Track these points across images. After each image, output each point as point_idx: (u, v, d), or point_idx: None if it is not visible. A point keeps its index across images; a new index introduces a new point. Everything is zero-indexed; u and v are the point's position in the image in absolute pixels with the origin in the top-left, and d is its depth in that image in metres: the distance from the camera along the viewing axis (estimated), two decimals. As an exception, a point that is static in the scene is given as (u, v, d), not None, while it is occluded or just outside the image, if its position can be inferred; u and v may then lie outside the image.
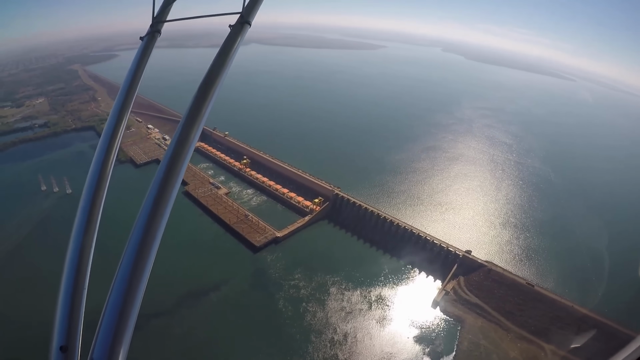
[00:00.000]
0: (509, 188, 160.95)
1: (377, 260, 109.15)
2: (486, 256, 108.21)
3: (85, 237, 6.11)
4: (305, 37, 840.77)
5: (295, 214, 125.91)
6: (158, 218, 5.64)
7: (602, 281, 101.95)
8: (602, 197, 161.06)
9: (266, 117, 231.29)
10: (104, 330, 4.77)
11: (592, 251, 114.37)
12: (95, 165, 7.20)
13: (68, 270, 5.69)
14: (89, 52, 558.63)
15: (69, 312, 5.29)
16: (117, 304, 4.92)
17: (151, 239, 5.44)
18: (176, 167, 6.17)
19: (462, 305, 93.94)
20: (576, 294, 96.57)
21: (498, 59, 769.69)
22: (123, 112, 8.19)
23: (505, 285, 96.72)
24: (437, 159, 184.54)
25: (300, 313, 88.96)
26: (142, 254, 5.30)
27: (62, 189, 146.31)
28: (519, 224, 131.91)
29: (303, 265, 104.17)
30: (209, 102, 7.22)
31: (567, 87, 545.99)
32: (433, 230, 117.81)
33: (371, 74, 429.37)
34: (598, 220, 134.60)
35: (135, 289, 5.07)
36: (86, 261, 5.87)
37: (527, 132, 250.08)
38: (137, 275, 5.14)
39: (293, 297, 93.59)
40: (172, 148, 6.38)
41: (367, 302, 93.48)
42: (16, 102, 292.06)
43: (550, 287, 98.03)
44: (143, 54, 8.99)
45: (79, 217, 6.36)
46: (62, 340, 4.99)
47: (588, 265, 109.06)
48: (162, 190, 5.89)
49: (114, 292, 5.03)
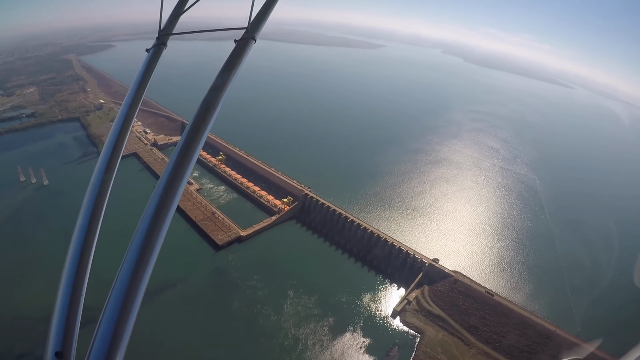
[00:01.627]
0: (489, 195, 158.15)
1: (341, 264, 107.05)
2: (454, 266, 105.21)
3: (86, 242, 6.04)
4: (305, 34, 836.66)
5: (264, 212, 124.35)
6: (158, 228, 5.62)
7: (577, 299, 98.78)
8: (587, 209, 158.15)
9: (247, 114, 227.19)
10: (100, 337, 4.70)
11: (570, 267, 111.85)
12: (97, 172, 7.21)
13: (67, 275, 5.58)
14: (86, 41, 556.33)
15: (66, 317, 5.16)
16: (114, 311, 4.84)
17: (151, 246, 5.42)
18: (177, 181, 6.18)
19: (423, 316, 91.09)
20: (547, 311, 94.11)
21: (498, 64, 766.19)
22: (128, 120, 8.12)
23: (472, 298, 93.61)
24: (418, 162, 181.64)
25: (254, 315, 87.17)
26: (142, 261, 5.26)
27: (40, 180, 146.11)
28: (495, 233, 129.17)
29: (264, 266, 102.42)
30: (211, 117, 7.24)
31: (565, 95, 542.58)
32: (402, 236, 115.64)
33: (365, 74, 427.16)
34: (579, 233, 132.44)
35: (134, 295, 5.00)
36: (85, 267, 5.77)
37: (517, 138, 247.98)
38: (136, 281, 5.09)
39: (249, 299, 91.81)
40: (173, 163, 6.39)
41: (323, 308, 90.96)
42: (7, 91, 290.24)
43: (520, 302, 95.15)
44: (149, 65, 9.03)
45: (80, 221, 6.31)
46: (58, 346, 4.88)
47: (564, 280, 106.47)
48: (163, 203, 5.89)
49: (112, 298, 4.96)
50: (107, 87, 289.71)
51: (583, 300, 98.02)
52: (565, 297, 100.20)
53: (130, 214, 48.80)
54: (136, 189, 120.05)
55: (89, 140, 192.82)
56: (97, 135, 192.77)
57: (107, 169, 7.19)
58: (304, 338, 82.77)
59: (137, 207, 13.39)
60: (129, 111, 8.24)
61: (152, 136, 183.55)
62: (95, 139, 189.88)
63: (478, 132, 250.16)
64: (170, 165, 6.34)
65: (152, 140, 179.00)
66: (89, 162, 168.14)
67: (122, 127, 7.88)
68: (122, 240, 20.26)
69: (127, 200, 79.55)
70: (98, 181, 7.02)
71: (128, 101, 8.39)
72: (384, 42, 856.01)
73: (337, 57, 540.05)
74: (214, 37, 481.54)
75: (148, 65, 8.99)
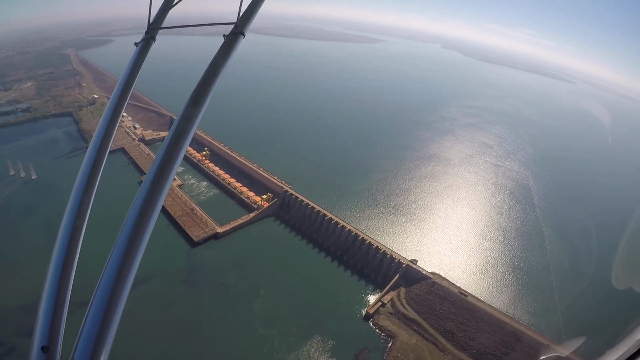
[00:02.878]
0: (477, 193, 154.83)
1: (317, 263, 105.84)
2: (434, 267, 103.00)
3: (72, 236, 6.02)
4: (304, 29, 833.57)
5: (244, 209, 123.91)
6: (145, 223, 5.60)
7: (564, 304, 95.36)
8: (580, 208, 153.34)
9: (234, 109, 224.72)
10: (87, 331, 4.72)
11: (558, 269, 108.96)
12: (85, 167, 7.12)
13: (53, 269, 5.57)
14: (85, 36, 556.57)
15: (52, 312, 5.18)
16: (101, 305, 4.86)
17: (138, 241, 5.42)
18: (164, 176, 6.17)
19: (398, 319, 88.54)
20: (531, 317, 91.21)
21: (498, 58, 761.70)
22: (116, 114, 8.13)
23: (449, 302, 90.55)
24: (406, 158, 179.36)
25: (224, 313, 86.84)
26: (129, 256, 5.26)
27: (28, 174, 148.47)
28: (481, 233, 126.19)
29: (239, 263, 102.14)
30: (199, 112, 7.26)
31: (566, 89, 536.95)
32: (381, 236, 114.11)
33: (360, 68, 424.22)
34: (571, 234, 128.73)
35: (120, 290, 5.02)
36: (72, 261, 5.75)
37: (512, 133, 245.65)
38: (122, 276, 5.10)
39: (221, 296, 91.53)
40: (160, 158, 6.34)
41: (295, 307, 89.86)
42: (5, 86, 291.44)
43: (502, 307, 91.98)
44: (137, 59, 9.03)
45: (67, 216, 6.29)
46: (44, 340, 4.90)
47: (552, 284, 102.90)
48: (150, 197, 5.88)
49: (98, 293, 4.97)
50: (102, 82, 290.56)
51: (571, 305, 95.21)
52: (552, 302, 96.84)
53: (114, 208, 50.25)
54: (121, 184, 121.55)
55: (79, 135, 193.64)
56: (87, 130, 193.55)
57: (94, 163, 7.15)
58: (271, 338, 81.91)
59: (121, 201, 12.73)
60: (117, 105, 8.28)
61: (140, 131, 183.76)
62: (85, 133, 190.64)
63: (471, 127, 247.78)
64: (158, 159, 6.34)
65: (140, 135, 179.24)
66: (77, 157, 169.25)
67: (110, 121, 7.92)
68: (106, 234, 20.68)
69: (112, 196, 79.82)
70: (85, 175, 6.96)
71: (116, 95, 8.45)
72: (384, 37, 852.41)
73: (334, 52, 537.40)
74: (211, 31, 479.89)
75: (137, 59, 9.02)
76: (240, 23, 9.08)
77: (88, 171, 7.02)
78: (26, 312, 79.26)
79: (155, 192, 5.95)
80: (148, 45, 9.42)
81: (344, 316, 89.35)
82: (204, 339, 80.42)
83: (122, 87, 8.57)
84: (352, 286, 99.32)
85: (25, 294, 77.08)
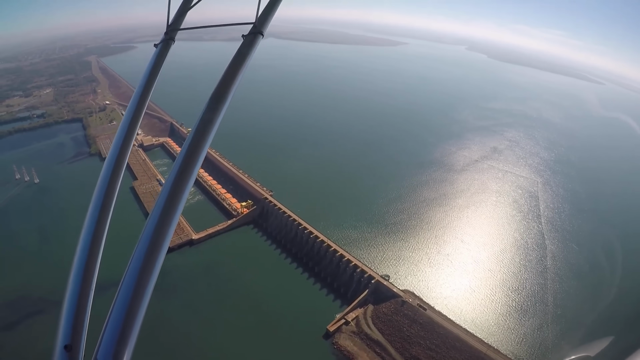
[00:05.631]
0: (476, 202, 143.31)
1: (288, 274, 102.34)
2: (408, 284, 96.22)
3: (95, 236, 6.12)
4: (326, 32, 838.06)
5: (224, 215, 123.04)
6: (167, 224, 5.66)
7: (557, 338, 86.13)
8: (593, 221, 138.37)
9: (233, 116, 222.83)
10: (110, 331, 4.75)
11: (557, 295, 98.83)
12: (107, 167, 7.19)
13: (76, 269, 5.68)
14: (110, 43, 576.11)
15: (75, 311, 5.26)
16: (124, 305, 4.92)
17: (160, 242, 5.48)
18: (186, 175, 6.25)
19: (360, 339, 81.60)
20: (515, 348, 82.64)
21: (524, 59, 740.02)
22: (136, 117, 8.16)
23: (418, 324, 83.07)
24: (401, 164, 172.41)
25: (185, 322, 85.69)
26: (151, 257, 5.32)
27: (32, 178, 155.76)
28: (471, 248, 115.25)
29: (209, 271, 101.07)
30: (220, 113, 7.30)
31: (592, 90, 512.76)
32: (356, 248, 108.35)
33: (376, 70, 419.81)
34: (577, 249, 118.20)
35: (143, 290, 5.07)
36: (95, 261, 5.85)
37: (527, 137, 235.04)
38: (145, 276, 5.15)
39: (186, 305, 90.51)
40: (182, 157, 6.44)
41: (256, 319, 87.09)
42: (26, 92, 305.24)
43: (480, 334, 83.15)
44: (157, 60, 9.10)
45: (90, 216, 6.39)
46: (67, 339, 4.96)
47: (547, 310, 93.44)
48: (172, 197, 5.94)
49: (121, 293, 5.04)
50: (115, 89, 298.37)
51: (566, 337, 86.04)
52: (544, 332, 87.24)
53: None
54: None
55: (85, 141, 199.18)
56: (93, 136, 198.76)
57: (115, 163, 7.19)
58: (224, 349, 79.94)
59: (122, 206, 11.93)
60: (138, 106, 8.26)
61: (140, 137, 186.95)
62: (90, 139, 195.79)
63: (484, 130, 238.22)
64: (179, 161, 6.37)
65: (139, 141, 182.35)
66: (79, 162, 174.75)
67: (130, 122, 7.93)
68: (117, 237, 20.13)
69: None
70: (107, 176, 6.99)
71: (137, 96, 8.43)
72: (407, 40, 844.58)
73: (351, 55, 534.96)
74: (233, 36, 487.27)
75: (156, 60, 9.06)
76: (259, 23, 9.06)
77: (110, 171, 7.05)
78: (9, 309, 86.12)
79: (176, 193, 5.98)
80: (167, 46, 9.43)
81: (304, 332, 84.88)
82: (160, 348, 79.06)
83: (142, 88, 8.57)
84: (320, 300, 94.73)
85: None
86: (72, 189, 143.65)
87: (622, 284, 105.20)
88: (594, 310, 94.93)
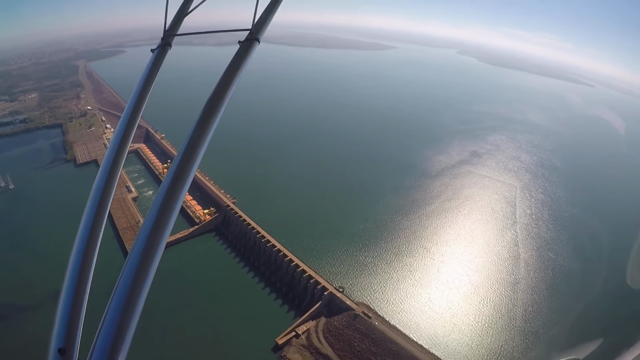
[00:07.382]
0: (447, 210, 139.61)
1: (244, 284, 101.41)
2: (364, 297, 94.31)
3: (90, 240, 6.16)
4: (317, 37, 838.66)
5: (187, 222, 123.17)
6: (162, 227, 5.71)
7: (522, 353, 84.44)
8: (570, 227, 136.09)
9: None
10: (104, 334, 4.79)
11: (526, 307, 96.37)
12: (102, 171, 7.22)
13: (71, 273, 5.71)
14: (101, 47, 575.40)
15: (69, 314, 5.26)
16: (118, 308, 4.95)
17: (155, 245, 5.51)
18: (182, 179, 6.31)
19: (310, 353, 79.91)
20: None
21: (514, 63, 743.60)
22: (132, 122, 8.18)
23: (370, 339, 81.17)
24: (371, 170, 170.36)
25: (137, 329, 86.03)
26: (146, 261, 5.36)
27: (7, 184, 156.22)
28: (434, 260, 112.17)
29: (163, 280, 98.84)
30: (215, 119, 7.35)
31: (582, 92, 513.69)
32: (312, 258, 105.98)
33: (360, 75, 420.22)
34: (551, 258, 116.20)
35: (138, 293, 5.10)
36: (89, 265, 5.89)
37: (511, 140, 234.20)
38: (140, 280, 5.19)
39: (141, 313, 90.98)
40: (178, 162, 6.51)
41: (205, 330, 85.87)
42: (12, 97, 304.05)
43: (440, 352, 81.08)
44: (154, 66, 9.14)
45: (85, 221, 6.44)
46: (61, 343, 4.98)
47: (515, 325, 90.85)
48: (167, 202, 5.98)
49: (115, 296, 5.07)
50: (99, 94, 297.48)
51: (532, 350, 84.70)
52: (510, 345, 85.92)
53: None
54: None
55: (62, 147, 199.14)
56: (70, 142, 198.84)
57: (111, 167, 7.25)
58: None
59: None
60: (134, 111, 8.30)
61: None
62: (67, 145, 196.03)
63: (465, 134, 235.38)
64: (174, 166, 6.45)
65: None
66: (54, 169, 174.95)
67: (126, 128, 7.95)
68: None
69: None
70: (102, 180, 7.01)
71: (132, 102, 8.48)
72: (396, 44, 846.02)
73: (337, 59, 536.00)
74: (223, 41, 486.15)
75: (153, 65, 9.12)
76: (255, 29, 9.14)
77: (105, 177, 7.05)
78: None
79: (172, 197, 6.02)
80: (164, 52, 9.49)
81: (252, 345, 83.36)
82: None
83: (138, 93, 8.60)
84: (274, 311, 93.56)
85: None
86: (45, 195, 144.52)
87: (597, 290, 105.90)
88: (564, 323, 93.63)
